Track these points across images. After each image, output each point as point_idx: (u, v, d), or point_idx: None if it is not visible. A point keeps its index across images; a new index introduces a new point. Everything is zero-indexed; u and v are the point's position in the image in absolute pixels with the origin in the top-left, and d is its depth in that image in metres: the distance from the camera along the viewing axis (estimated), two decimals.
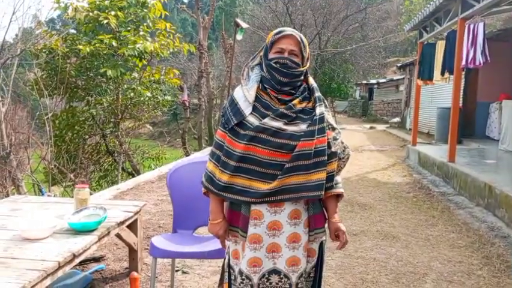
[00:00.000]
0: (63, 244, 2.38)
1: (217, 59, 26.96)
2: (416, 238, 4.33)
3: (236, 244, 1.89)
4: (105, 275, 3.32)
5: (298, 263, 1.82)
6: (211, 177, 1.86)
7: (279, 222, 1.80)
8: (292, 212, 1.80)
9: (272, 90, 1.86)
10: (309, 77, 1.95)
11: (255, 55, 1.99)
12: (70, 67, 7.57)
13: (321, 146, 1.77)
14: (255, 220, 1.80)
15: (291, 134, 1.76)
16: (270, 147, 1.75)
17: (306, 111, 1.84)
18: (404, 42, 32.35)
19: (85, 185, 3.00)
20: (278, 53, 1.84)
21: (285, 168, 1.74)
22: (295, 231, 1.81)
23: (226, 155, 1.81)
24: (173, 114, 22.67)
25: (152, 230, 4.39)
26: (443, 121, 10.72)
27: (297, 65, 1.85)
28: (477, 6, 6.10)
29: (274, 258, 1.81)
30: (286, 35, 1.85)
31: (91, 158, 8.83)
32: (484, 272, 3.48)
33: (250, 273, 1.81)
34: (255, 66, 1.94)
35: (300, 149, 1.74)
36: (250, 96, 1.83)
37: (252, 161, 1.76)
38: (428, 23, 8.92)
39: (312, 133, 1.77)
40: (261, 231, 1.80)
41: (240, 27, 9.60)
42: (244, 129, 1.78)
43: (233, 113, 1.83)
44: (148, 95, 8.50)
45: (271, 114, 1.79)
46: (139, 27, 8.23)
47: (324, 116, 1.83)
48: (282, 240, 1.80)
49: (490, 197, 5.11)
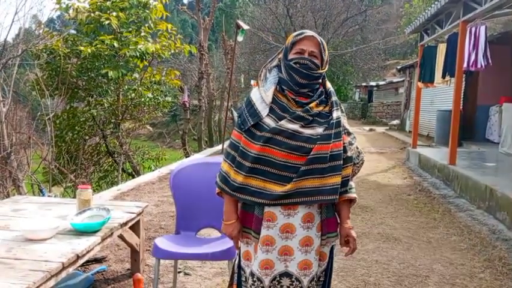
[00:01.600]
0: (66, 245, 2.37)
1: (217, 60, 27.00)
2: (418, 240, 4.33)
3: (248, 245, 1.89)
4: (107, 276, 3.31)
5: (310, 266, 1.82)
6: (225, 178, 1.85)
7: (292, 225, 1.79)
8: (306, 216, 1.80)
9: (290, 91, 1.85)
10: (326, 81, 1.95)
11: (274, 57, 1.98)
12: (71, 68, 7.56)
13: (337, 150, 1.77)
14: (268, 222, 1.80)
15: (307, 137, 1.76)
16: (286, 149, 1.75)
17: (322, 114, 1.83)
18: (403, 44, 32.42)
19: (87, 186, 2.99)
20: (298, 54, 1.84)
21: (300, 171, 1.74)
22: (308, 234, 1.81)
23: (241, 155, 1.80)
24: (173, 115, 22.71)
25: (153, 231, 4.39)
26: (443, 124, 10.73)
27: (317, 66, 1.85)
28: (479, 9, 6.11)
29: (286, 261, 1.81)
30: (307, 37, 1.85)
31: (91, 159, 8.82)
32: (486, 274, 3.48)
33: (261, 275, 1.81)
34: (273, 68, 1.94)
35: (316, 152, 1.74)
36: (267, 97, 1.83)
37: (268, 162, 1.76)
38: (429, 25, 8.93)
39: (329, 137, 1.76)
40: (273, 234, 1.79)
41: (241, 29, 9.59)
42: (261, 131, 1.77)
43: (250, 114, 1.82)
44: (149, 96, 8.49)
45: (288, 116, 1.79)
46: (140, 28, 8.24)
47: (340, 121, 1.83)
48: (295, 244, 1.80)
49: (491, 200, 5.11)
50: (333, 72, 23.96)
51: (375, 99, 27.12)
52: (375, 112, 25.29)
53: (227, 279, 3.28)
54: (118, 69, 7.59)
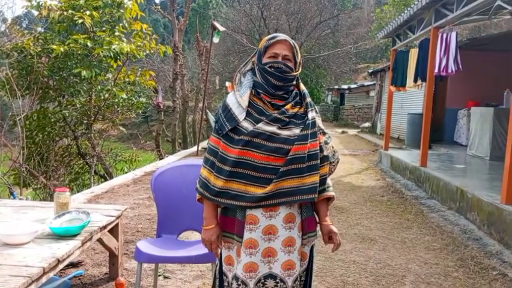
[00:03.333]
0: (46, 249, 2.32)
1: (190, 61, 26.81)
2: (393, 241, 4.43)
3: (229, 250, 1.89)
4: (84, 280, 3.24)
5: (293, 266, 1.84)
6: (205, 183, 1.86)
7: (274, 227, 1.81)
8: (287, 216, 1.82)
9: (265, 95, 1.88)
10: (300, 83, 1.98)
11: (247, 61, 2.00)
12: (43, 67, 7.35)
13: (314, 149, 1.81)
14: (250, 225, 1.81)
15: (285, 138, 1.78)
16: (265, 151, 1.77)
17: (298, 116, 1.87)
18: (374, 49, 33.07)
19: (65, 189, 2.92)
20: (272, 58, 1.87)
21: (280, 172, 1.76)
22: (290, 235, 1.83)
23: (220, 160, 1.82)
24: (145, 116, 22.38)
25: (130, 234, 4.32)
26: (414, 126, 11.04)
27: (291, 69, 1.88)
28: (450, 16, 6.31)
29: (270, 263, 1.82)
30: (279, 40, 1.88)
31: (61, 161, 8.59)
32: (460, 273, 3.59)
33: (246, 278, 1.82)
34: (247, 72, 1.96)
35: (294, 153, 1.77)
36: (243, 101, 1.84)
37: (247, 165, 1.78)
38: (401, 31, 9.16)
39: (306, 137, 1.80)
40: (256, 236, 1.81)
41: (216, 30, 9.58)
42: (239, 135, 1.79)
43: (227, 119, 1.83)
44: (123, 97, 8.34)
45: (265, 119, 1.81)
46: (114, 27, 8.08)
47: (315, 121, 1.88)
48: (278, 245, 1.82)
49: (462, 201, 5.28)
50: (306, 75, 24.20)
51: (347, 102, 27.58)
52: (347, 115, 25.72)
53: (207, 282, 3.27)
54: (91, 69, 7.43)
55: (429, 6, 6.99)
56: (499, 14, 6.98)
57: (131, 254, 3.79)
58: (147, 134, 25.06)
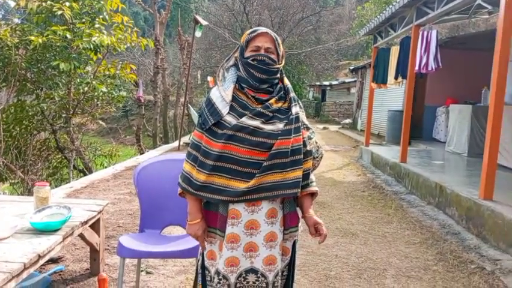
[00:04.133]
0: (26, 244, 2.26)
1: (172, 55, 26.57)
2: (374, 235, 4.49)
3: (212, 245, 1.89)
4: (65, 276, 3.18)
5: (274, 261, 1.84)
6: (188, 178, 1.85)
7: (256, 222, 1.81)
8: (270, 211, 1.82)
9: (250, 89, 1.87)
10: (284, 77, 1.98)
11: (229, 56, 2.00)
12: (20, 59, 7.16)
13: (297, 144, 1.81)
14: (232, 219, 1.80)
15: (268, 133, 1.78)
16: (248, 145, 1.77)
17: (282, 110, 1.87)
18: (355, 46, 33.35)
19: (45, 183, 2.87)
20: (254, 51, 1.87)
21: (263, 166, 1.76)
22: (272, 230, 1.83)
23: (203, 154, 1.81)
24: (124, 110, 22.12)
25: (111, 229, 4.26)
26: (394, 123, 11.19)
27: (274, 61, 1.88)
28: (431, 14, 6.40)
29: (252, 258, 1.82)
30: (261, 33, 1.89)
31: (39, 155, 8.41)
32: (439, 267, 3.66)
33: (227, 273, 1.82)
34: (231, 67, 1.96)
35: (277, 148, 1.76)
36: (227, 96, 1.84)
37: (230, 159, 1.77)
38: (383, 28, 9.25)
39: (289, 132, 1.80)
40: (238, 231, 1.80)
41: (199, 24, 9.50)
42: (222, 129, 1.79)
43: (210, 113, 1.83)
44: (103, 90, 8.20)
45: (248, 113, 1.81)
46: (94, 19, 7.91)
47: (299, 116, 1.88)
48: (260, 240, 1.81)
49: (441, 196, 5.38)
50: (288, 71, 24.25)
51: (328, 99, 27.75)
52: (328, 111, 25.89)
53: (190, 276, 3.26)
54: (70, 62, 7.27)
55: (411, 4, 7.08)
56: (478, 13, 7.11)
57: (112, 249, 3.74)
58: (127, 129, 24.78)
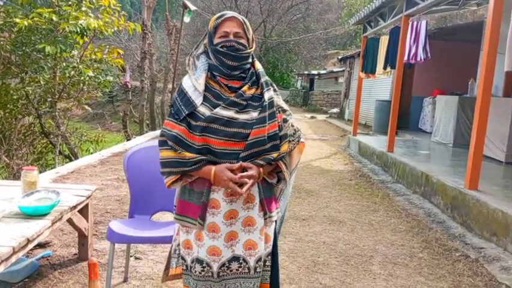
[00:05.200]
0: (14, 229, 2.24)
1: (158, 41, 26.23)
2: (361, 223, 4.54)
3: (188, 234, 1.85)
4: (52, 261, 3.16)
5: (255, 246, 1.82)
6: (176, 160, 1.75)
7: (235, 211, 1.79)
8: (247, 197, 1.80)
9: (221, 77, 1.82)
10: (255, 61, 1.92)
11: (198, 43, 1.93)
12: (5, 41, 6.99)
13: (273, 131, 1.77)
14: (212, 209, 1.79)
15: (243, 123, 1.74)
16: (223, 137, 1.73)
17: (255, 97, 1.82)
18: (343, 35, 33.34)
19: (33, 168, 2.83)
20: (223, 37, 1.81)
21: (240, 157, 1.74)
22: (249, 215, 1.81)
23: (183, 146, 1.73)
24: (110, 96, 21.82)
25: (99, 215, 4.24)
26: (381, 113, 11.28)
27: (244, 46, 1.83)
28: (421, 5, 6.43)
29: (233, 246, 1.81)
30: (228, 18, 1.83)
31: (24, 140, 8.28)
32: (425, 254, 3.73)
33: (210, 260, 1.80)
34: (200, 54, 1.89)
35: (253, 137, 1.73)
36: (199, 85, 1.79)
37: (207, 151, 1.74)
38: (372, 18, 9.26)
39: (263, 120, 1.76)
40: (218, 221, 1.78)
41: (188, 9, 9.39)
42: (196, 120, 1.74)
43: (183, 104, 1.77)
44: (90, 75, 8.08)
45: (222, 103, 1.76)
46: (81, 2, 7.74)
47: (273, 101, 1.82)
48: (238, 226, 1.80)
49: (427, 185, 5.46)
50: (276, 59, 24.19)
51: (316, 88, 27.79)
52: (316, 100, 25.94)
53: None
54: (56, 45, 7.13)
55: None
56: (467, 4, 7.16)
57: (100, 235, 3.72)
58: (112, 114, 24.47)
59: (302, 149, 1.99)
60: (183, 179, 1.82)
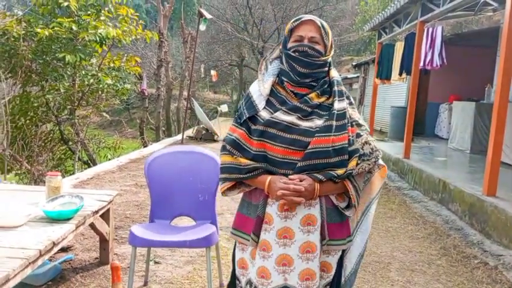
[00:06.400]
0: (41, 232, 2.31)
1: (174, 48, 26.55)
2: (378, 230, 4.53)
3: (243, 252, 1.74)
4: (74, 265, 3.23)
5: (313, 277, 1.63)
6: (232, 167, 1.67)
7: (290, 229, 1.62)
8: (305, 217, 1.63)
9: (289, 83, 1.70)
10: (332, 69, 1.76)
11: (274, 48, 1.87)
12: (26, 50, 7.19)
13: (340, 143, 1.60)
14: (265, 224, 1.65)
15: (305, 130, 1.61)
16: (280, 143, 1.60)
17: (323, 106, 1.68)
18: (357, 41, 33.23)
19: (57, 173, 2.91)
20: (297, 42, 1.69)
21: (296, 167, 1.60)
22: (309, 239, 1.63)
23: (240, 149, 1.66)
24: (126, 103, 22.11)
25: (119, 220, 4.31)
26: (396, 119, 11.20)
27: (319, 53, 1.68)
28: (437, 11, 6.42)
29: (285, 273, 1.62)
30: (305, 21, 1.70)
31: (44, 146, 8.45)
32: (443, 261, 3.71)
33: (258, 284, 1.65)
34: (274, 59, 1.81)
35: (314, 146, 1.57)
36: (264, 89, 1.71)
37: (263, 158, 1.63)
38: (387, 24, 9.26)
39: (329, 129, 1.60)
40: (270, 238, 1.63)
41: (203, 18, 9.51)
42: (256, 124, 1.65)
43: (246, 107, 1.70)
44: (108, 82, 8.23)
45: (283, 108, 1.66)
46: (100, 11, 7.94)
47: (345, 112, 1.66)
48: (294, 251, 1.62)
49: (444, 192, 5.42)
50: None
51: None
52: None
53: (197, 267, 3.31)
54: (76, 54, 7.31)
55: (416, 0, 7.09)
56: (484, 10, 7.12)
57: (120, 239, 3.79)
58: (129, 122, 24.79)
59: (384, 174, 1.81)
60: (240, 188, 1.73)
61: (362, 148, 1.67)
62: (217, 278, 3.04)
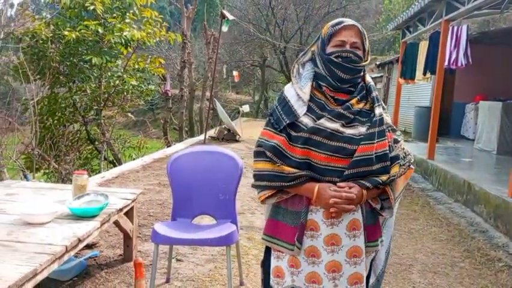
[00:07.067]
0: (66, 229, 2.39)
1: (197, 49, 26.78)
2: (400, 231, 4.49)
3: (279, 260, 1.71)
4: (99, 261, 3.32)
5: (361, 280, 1.65)
6: (275, 175, 1.63)
7: (337, 236, 1.62)
8: (351, 223, 1.63)
9: (328, 88, 1.67)
10: (366, 74, 1.75)
11: (306, 50, 1.80)
12: (54, 52, 7.41)
13: (382, 150, 1.61)
14: (311, 231, 1.64)
15: (349, 137, 1.60)
16: (326, 151, 1.59)
17: (363, 112, 1.67)
18: (381, 41, 32.83)
19: (83, 172, 3.00)
20: (339, 47, 1.66)
21: (344, 175, 1.59)
22: (356, 244, 1.64)
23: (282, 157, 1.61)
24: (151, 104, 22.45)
25: (142, 218, 4.40)
26: (421, 119, 11.03)
27: (360, 58, 1.67)
28: (462, 9, 6.30)
29: (335, 279, 1.64)
30: (346, 26, 1.66)
31: (71, 146, 8.69)
32: (466, 264, 3.66)
33: None
34: (307, 62, 1.77)
35: (360, 154, 1.58)
36: (304, 95, 1.66)
37: (307, 166, 1.61)
38: (411, 23, 9.13)
39: (372, 136, 1.60)
40: (318, 245, 1.63)
41: (226, 19, 9.58)
42: (297, 131, 1.61)
43: (284, 113, 1.65)
44: (133, 84, 8.41)
45: (327, 114, 1.62)
46: (125, 14, 8.12)
47: (383, 118, 1.66)
48: (342, 257, 1.63)
49: (469, 194, 5.32)
50: None
51: None
52: None
53: (219, 265, 3.35)
54: (102, 56, 7.50)
55: None
56: (511, 8, 6.95)
57: (144, 237, 3.87)
58: (152, 122, 25.15)
59: (409, 175, 1.79)
60: (278, 195, 1.69)
61: (404, 153, 1.69)
62: (237, 277, 3.08)
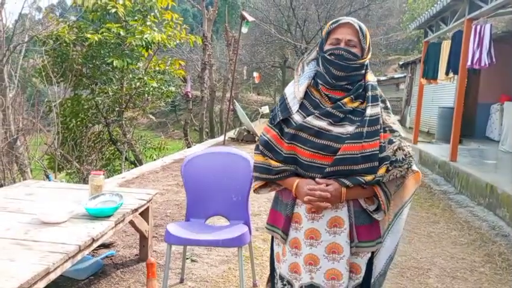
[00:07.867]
0: (81, 229, 2.43)
1: (218, 51, 26.95)
2: (419, 235, 4.41)
3: (278, 246, 1.81)
4: (115, 261, 3.37)
5: (339, 277, 1.65)
6: (263, 167, 1.73)
7: (316, 231, 1.66)
8: (332, 220, 1.66)
9: (324, 86, 1.70)
10: (368, 73, 1.74)
11: (312, 49, 1.84)
12: (77, 55, 7.59)
13: (370, 150, 1.58)
14: (295, 224, 1.71)
15: (336, 136, 1.61)
16: (310, 148, 1.62)
17: (357, 111, 1.66)
18: (405, 40, 32.35)
19: (99, 172, 3.05)
20: (334, 45, 1.69)
21: (325, 172, 1.61)
22: (335, 241, 1.65)
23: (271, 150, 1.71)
24: (173, 105, 22.72)
25: (159, 218, 4.45)
26: (445, 120, 10.80)
27: (355, 56, 1.67)
28: (485, 8, 6.14)
29: (312, 272, 1.67)
30: (342, 24, 1.69)
31: (94, 146, 8.87)
32: (486, 269, 3.56)
33: (291, 278, 1.72)
34: (311, 61, 1.81)
35: (343, 153, 1.58)
36: (298, 92, 1.71)
37: (294, 161, 1.67)
38: (434, 22, 8.96)
39: (359, 135, 1.59)
40: (300, 237, 1.69)
41: (245, 20, 9.61)
42: (288, 127, 1.68)
43: (280, 109, 1.73)
44: (154, 85, 8.52)
45: (316, 112, 1.66)
46: (146, 17, 8.24)
47: (378, 118, 1.63)
48: (320, 251, 1.66)
49: (492, 197, 5.18)
50: None
51: None
52: None
53: (233, 266, 3.36)
54: (123, 58, 7.63)
55: None
56: None
57: (160, 237, 3.91)
58: (175, 123, 25.43)
59: (418, 179, 1.78)
60: (271, 186, 1.79)
61: (394, 154, 1.62)
62: (250, 278, 3.08)
